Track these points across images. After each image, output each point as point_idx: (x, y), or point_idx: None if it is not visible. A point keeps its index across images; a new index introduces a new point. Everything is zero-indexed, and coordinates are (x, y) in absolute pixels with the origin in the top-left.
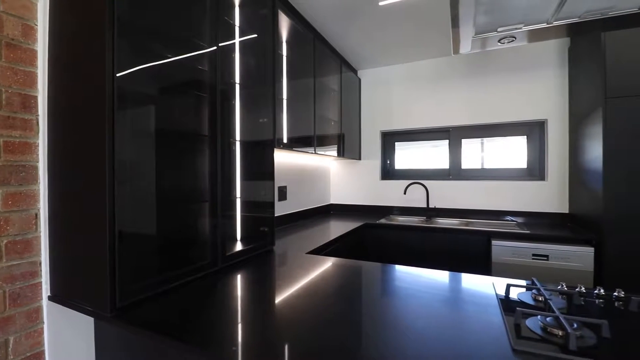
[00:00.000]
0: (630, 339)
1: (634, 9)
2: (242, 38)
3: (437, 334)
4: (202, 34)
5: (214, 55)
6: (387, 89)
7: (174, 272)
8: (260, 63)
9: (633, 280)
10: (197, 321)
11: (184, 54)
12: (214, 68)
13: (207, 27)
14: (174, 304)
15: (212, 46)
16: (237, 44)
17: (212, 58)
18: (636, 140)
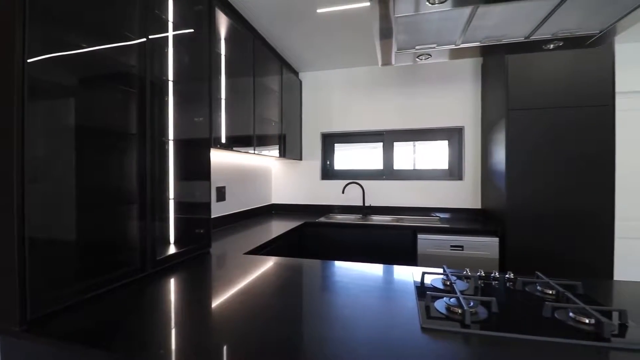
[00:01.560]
0: (512, 310)
1: (520, 38)
2: (175, 32)
3: (360, 320)
4: (130, 26)
5: (143, 49)
6: (328, 92)
7: (97, 279)
8: (196, 60)
9: (527, 263)
10: (122, 329)
11: (108, 44)
12: (144, 62)
13: (137, 19)
14: (97, 313)
15: (141, 39)
16: (171, 38)
17: (141, 52)
18: (529, 145)
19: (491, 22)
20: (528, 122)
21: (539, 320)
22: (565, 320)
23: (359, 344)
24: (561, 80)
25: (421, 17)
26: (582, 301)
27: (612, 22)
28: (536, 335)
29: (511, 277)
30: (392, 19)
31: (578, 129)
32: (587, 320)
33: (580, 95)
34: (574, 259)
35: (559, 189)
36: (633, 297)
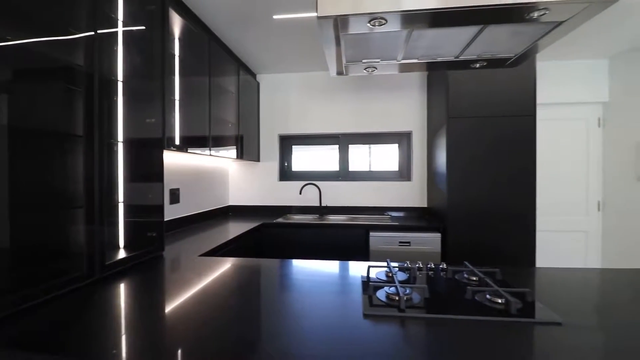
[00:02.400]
0: (441, 295)
1: (451, 58)
2: (125, 29)
3: (311, 313)
4: (77, 22)
5: (90, 46)
6: (285, 94)
7: (38, 287)
8: (148, 60)
9: (464, 255)
10: (67, 335)
11: (49, 37)
12: (91, 60)
13: (84, 16)
14: (39, 321)
15: (88, 34)
16: (120, 36)
17: (88, 49)
18: (466, 150)
19: (425, 43)
20: (465, 130)
21: (462, 302)
22: (483, 301)
23: (309, 335)
24: (493, 93)
25: (365, 35)
26: (497, 285)
27: (523, 49)
28: (458, 314)
29: (444, 267)
30: (339, 37)
31: (506, 136)
32: (499, 300)
33: (509, 107)
34: (504, 251)
35: (490, 189)
36: (541, 280)
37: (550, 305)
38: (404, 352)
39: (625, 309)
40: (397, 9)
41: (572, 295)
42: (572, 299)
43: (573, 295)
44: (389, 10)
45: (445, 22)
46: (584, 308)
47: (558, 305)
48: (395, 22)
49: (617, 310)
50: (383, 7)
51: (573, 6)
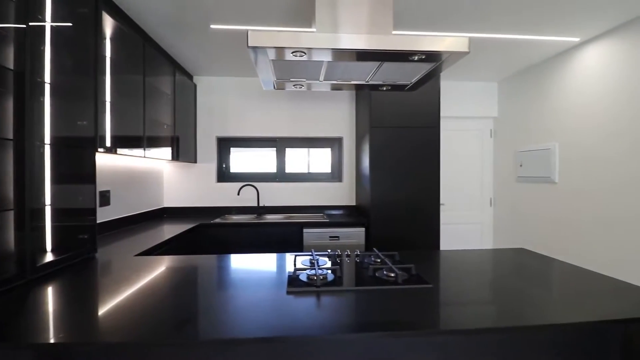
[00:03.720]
0: (351, 274)
1: (363, 81)
2: (54, 25)
3: (242, 294)
4: (3, 20)
5: (18, 46)
6: (223, 97)
7: None
8: (79, 61)
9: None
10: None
11: None
12: (18, 60)
13: (12, 14)
14: None
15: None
16: (48, 36)
17: (16, 49)
18: (386, 155)
19: (340, 70)
20: (384, 138)
21: (365, 278)
22: (381, 276)
23: (241, 309)
24: (407, 107)
25: (290, 62)
26: (393, 264)
27: (416, 79)
28: (360, 286)
29: (357, 253)
30: (268, 61)
31: (417, 144)
32: (392, 274)
33: (419, 119)
34: (415, 241)
35: (404, 189)
36: (426, 259)
37: (427, 275)
38: (316, 315)
39: (478, 275)
40: (312, 46)
41: (444, 268)
42: (444, 270)
43: (445, 267)
44: (305, 46)
45: (350, 58)
46: (450, 276)
47: (432, 275)
48: (312, 55)
49: (472, 276)
50: (300, 43)
51: (439, 54)
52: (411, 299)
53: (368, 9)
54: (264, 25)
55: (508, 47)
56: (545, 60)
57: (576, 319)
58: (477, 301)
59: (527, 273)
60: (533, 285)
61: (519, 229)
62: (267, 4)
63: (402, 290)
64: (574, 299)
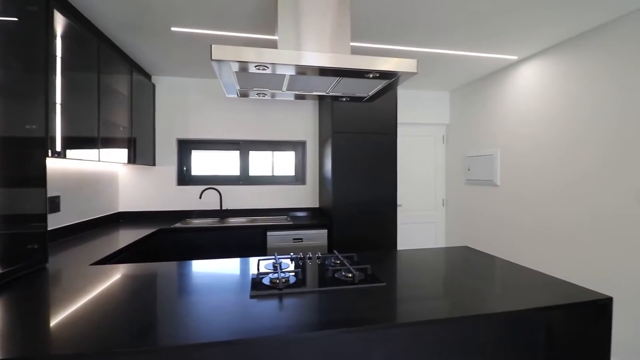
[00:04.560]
0: (312, 276)
1: (324, 93)
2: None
3: (206, 300)
4: None
5: None
6: (184, 98)
7: None
8: (29, 59)
9: (345, 246)
10: None
11: None
12: None
13: None
14: None
15: None
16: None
17: None
18: (347, 159)
19: (302, 82)
20: (346, 142)
21: (325, 279)
22: (340, 277)
23: (205, 315)
24: (367, 114)
25: (253, 74)
26: (351, 265)
27: (372, 92)
28: (320, 287)
29: (319, 255)
30: (231, 73)
31: (376, 148)
32: (349, 275)
33: (377, 125)
34: (374, 240)
35: (364, 191)
36: (383, 259)
37: (381, 274)
38: (279, 317)
39: (426, 272)
40: (275, 62)
41: (397, 267)
42: (397, 269)
43: (398, 266)
44: (269, 62)
45: (311, 73)
46: (402, 274)
47: (386, 273)
48: (275, 70)
49: (422, 273)
50: (264, 59)
51: (391, 73)
52: (366, 297)
53: (329, 27)
54: (227, 30)
55: (457, 62)
56: (489, 74)
57: (511, 307)
58: (425, 296)
59: (470, 269)
60: (475, 279)
61: (467, 228)
62: (230, 11)
63: (358, 290)
64: (509, 291)
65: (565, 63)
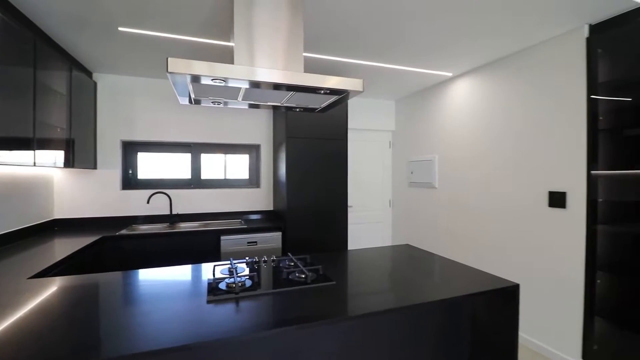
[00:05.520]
0: (267, 279)
1: (279, 104)
2: None
3: (160, 309)
4: None
5: None
6: (130, 98)
7: None
8: None
9: (299, 248)
10: None
11: None
12: None
13: None
14: None
15: None
16: None
17: None
18: (300, 163)
19: (257, 94)
20: (299, 147)
21: (280, 281)
22: (293, 278)
23: (161, 324)
24: (320, 120)
25: (209, 85)
26: (304, 266)
27: (325, 105)
28: (275, 289)
29: (273, 258)
30: (186, 84)
31: (328, 153)
32: (303, 276)
33: (329, 131)
34: (327, 242)
35: (317, 194)
36: (333, 259)
37: (332, 274)
38: (236, 319)
39: (372, 269)
40: (230, 76)
41: (347, 266)
42: (346, 267)
43: (347, 265)
44: (224, 76)
45: (266, 87)
46: (351, 272)
47: (337, 273)
48: (231, 83)
49: (368, 270)
50: (219, 74)
51: (340, 90)
52: (318, 295)
53: (283, 43)
54: (180, 34)
55: (401, 75)
56: (429, 87)
57: (445, 296)
58: (371, 290)
59: (411, 265)
60: (415, 274)
61: (411, 227)
62: (184, 15)
63: (311, 289)
64: (443, 282)
65: (488, 81)
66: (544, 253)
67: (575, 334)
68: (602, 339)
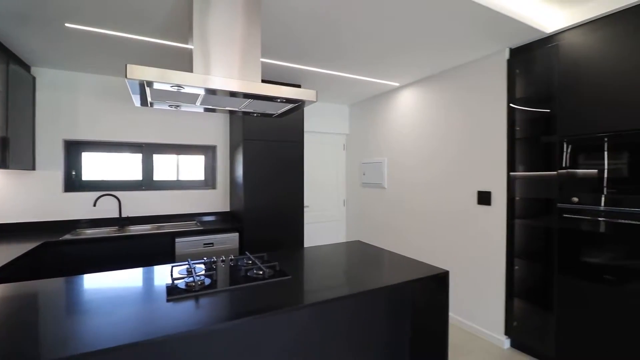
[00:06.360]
0: (225, 277)
1: (237, 109)
2: None
3: (118, 310)
4: None
5: None
6: (74, 94)
7: None
8: None
9: (257, 248)
10: None
11: None
12: None
13: None
14: None
15: None
16: None
17: None
18: (257, 165)
19: (214, 100)
20: (257, 149)
21: (238, 278)
22: (252, 275)
23: (120, 324)
24: (276, 123)
25: (169, 91)
26: (262, 264)
27: (281, 111)
28: (234, 285)
29: (231, 258)
30: (145, 89)
31: (285, 155)
32: (260, 272)
33: (286, 134)
34: (284, 241)
35: (274, 195)
36: (290, 256)
37: (288, 269)
38: (197, 315)
39: (325, 263)
40: (189, 84)
41: (303, 261)
42: (302, 263)
43: (303, 261)
44: (183, 84)
45: (224, 94)
46: (306, 267)
47: (293, 268)
48: (189, 89)
49: (322, 264)
50: (178, 81)
51: (295, 100)
52: (275, 289)
53: (240, 51)
54: (135, 34)
55: (352, 82)
56: (380, 94)
57: (389, 283)
58: (325, 282)
59: (361, 258)
60: (364, 266)
61: (363, 224)
62: (139, 15)
63: (268, 284)
64: (388, 272)
65: (430, 93)
66: (473, 244)
67: (499, 313)
68: (520, 316)
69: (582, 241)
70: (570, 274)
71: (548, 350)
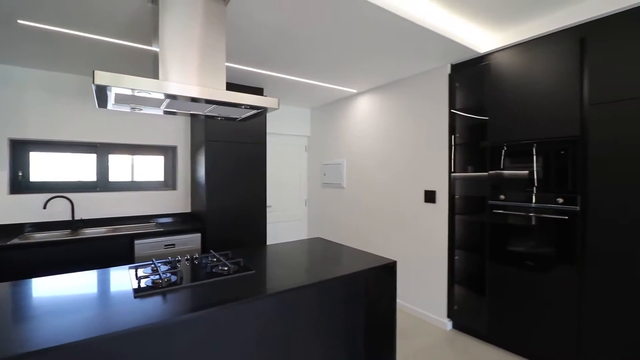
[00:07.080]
0: (191, 274)
1: (201, 113)
2: None
3: (82, 309)
4: None
5: None
6: (21, 91)
7: None
8: None
9: (218, 249)
10: None
11: None
12: None
13: None
14: None
15: None
16: None
17: None
18: (220, 166)
19: (179, 104)
20: (219, 151)
21: (204, 275)
22: (217, 271)
23: (86, 322)
24: (239, 125)
25: (133, 95)
26: (227, 260)
27: (245, 116)
28: (199, 281)
29: (196, 256)
30: (110, 94)
31: (247, 157)
32: (225, 268)
33: (249, 135)
34: (247, 241)
35: (237, 196)
36: (253, 253)
37: (252, 265)
38: (163, 309)
39: (287, 258)
40: (155, 90)
41: (267, 257)
42: (266, 259)
43: (266, 257)
44: (148, 90)
45: (185, 100)
46: (269, 262)
47: (257, 264)
48: (154, 95)
49: (284, 259)
50: (144, 87)
51: (258, 107)
52: (240, 283)
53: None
54: (97, 33)
55: (312, 87)
56: (340, 99)
57: (344, 272)
58: (287, 275)
59: (320, 253)
60: (323, 260)
61: (324, 223)
62: (98, 13)
63: (233, 279)
64: (344, 264)
65: (385, 100)
66: (421, 238)
67: (442, 299)
68: (460, 300)
69: (508, 233)
70: (499, 262)
71: (482, 329)
